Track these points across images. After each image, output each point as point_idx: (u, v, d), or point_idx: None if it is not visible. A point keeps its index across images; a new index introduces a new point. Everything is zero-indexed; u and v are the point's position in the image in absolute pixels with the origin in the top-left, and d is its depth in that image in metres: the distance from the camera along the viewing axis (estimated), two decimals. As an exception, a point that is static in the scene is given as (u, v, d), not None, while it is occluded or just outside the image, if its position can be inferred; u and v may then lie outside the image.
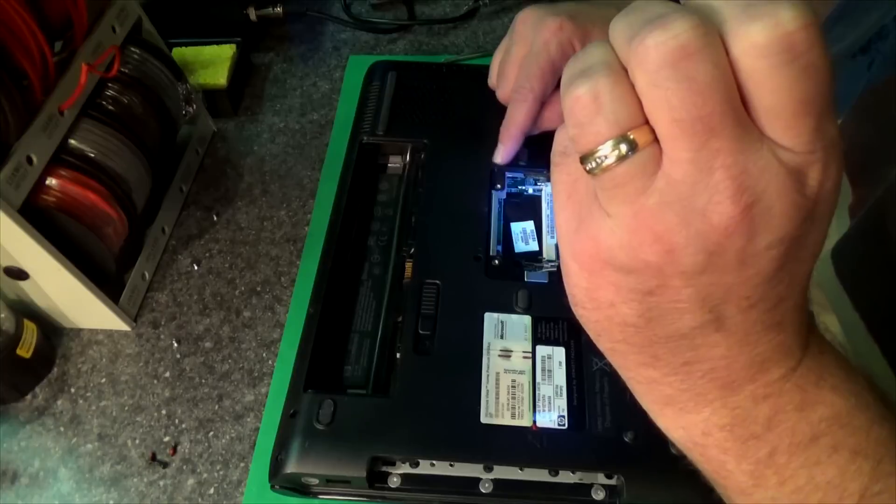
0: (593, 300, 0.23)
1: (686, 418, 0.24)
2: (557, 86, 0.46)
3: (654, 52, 0.18)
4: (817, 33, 0.17)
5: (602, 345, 0.25)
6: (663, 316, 0.22)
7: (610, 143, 0.19)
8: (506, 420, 0.40)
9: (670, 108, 0.18)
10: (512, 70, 0.47)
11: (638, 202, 0.20)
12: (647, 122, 0.19)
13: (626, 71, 0.19)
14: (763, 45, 0.17)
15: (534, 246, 0.49)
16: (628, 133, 0.19)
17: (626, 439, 0.38)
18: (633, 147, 0.19)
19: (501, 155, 0.48)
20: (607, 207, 0.21)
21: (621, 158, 0.19)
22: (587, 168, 0.20)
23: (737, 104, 0.18)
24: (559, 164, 0.23)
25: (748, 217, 0.19)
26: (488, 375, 0.41)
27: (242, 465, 0.45)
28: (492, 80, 0.51)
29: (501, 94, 0.49)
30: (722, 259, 0.20)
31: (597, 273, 0.22)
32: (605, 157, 0.19)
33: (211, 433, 0.46)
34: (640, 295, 0.21)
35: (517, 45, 0.47)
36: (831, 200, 0.20)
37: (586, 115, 0.19)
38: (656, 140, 0.19)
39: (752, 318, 0.21)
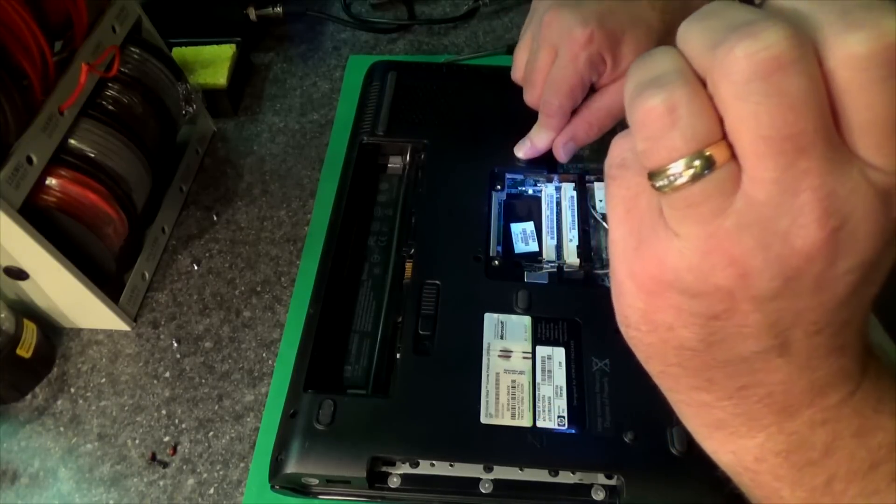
0: (650, 322, 0.22)
1: (738, 443, 0.23)
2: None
3: (744, 63, 0.17)
4: None
5: (652, 367, 0.24)
6: (725, 340, 0.21)
7: (685, 160, 0.18)
8: (506, 420, 0.40)
9: (758, 125, 0.17)
10: (539, 78, 0.45)
11: (713, 223, 0.18)
12: (725, 137, 0.18)
13: (701, 81, 0.18)
14: (864, 56, 0.16)
15: (534, 246, 0.49)
16: (705, 150, 0.18)
17: (626, 439, 0.38)
18: (710, 165, 0.18)
19: (525, 152, 0.49)
20: (677, 227, 0.19)
21: (697, 177, 0.18)
22: (657, 185, 0.19)
23: (829, 122, 0.17)
24: (617, 178, 0.21)
25: (833, 241, 0.18)
26: (488, 376, 0.41)
27: (242, 465, 0.45)
28: (516, 75, 0.49)
29: (529, 100, 0.47)
30: (798, 284, 0.19)
31: (657, 295, 0.21)
32: (679, 174, 0.18)
33: (211, 433, 0.46)
34: (703, 319, 0.20)
35: (543, 50, 0.44)
36: None
37: (660, 128, 0.18)
38: (735, 157, 0.18)
39: (816, 342, 0.20)
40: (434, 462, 0.40)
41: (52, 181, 0.44)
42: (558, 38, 0.43)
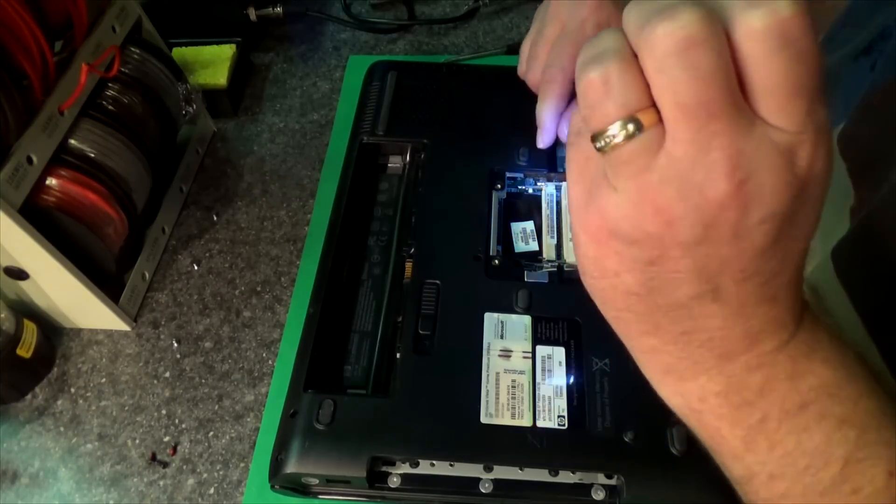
0: (600, 269, 0.24)
1: (684, 386, 0.26)
2: None
3: (662, 41, 0.19)
4: (808, 23, 0.19)
5: (607, 313, 0.26)
6: (663, 286, 0.23)
7: (618, 124, 0.21)
8: (506, 420, 0.40)
9: (675, 94, 0.20)
10: (543, 50, 0.45)
11: (642, 177, 0.21)
12: (653, 104, 0.20)
13: (636, 57, 0.21)
14: (761, 30, 0.19)
15: (534, 246, 0.49)
16: (635, 114, 0.20)
17: (626, 439, 0.38)
18: (639, 127, 0.20)
19: (541, 139, 0.47)
20: (614, 183, 0.22)
21: (628, 138, 0.21)
22: (597, 146, 0.22)
23: (735, 90, 0.20)
24: (573, 144, 0.24)
25: (741, 192, 0.20)
26: (488, 375, 0.41)
27: (242, 465, 0.45)
28: (521, 69, 0.48)
29: (532, 78, 0.46)
30: (717, 231, 0.21)
31: (603, 243, 0.23)
32: (614, 136, 0.21)
33: (211, 433, 0.46)
34: (642, 265, 0.23)
35: (549, 25, 0.45)
36: (822, 182, 0.21)
37: (597, 97, 0.21)
38: (660, 121, 0.20)
39: (746, 290, 0.23)
40: (434, 462, 0.40)
41: (52, 181, 0.44)
42: (567, 13, 0.44)
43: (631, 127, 0.21)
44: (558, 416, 0.40)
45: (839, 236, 0.41)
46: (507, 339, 0.43)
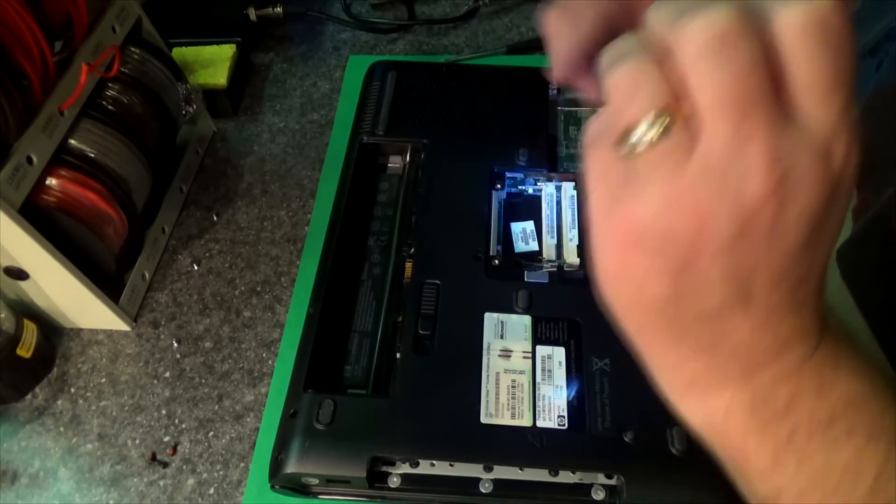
0: (623, 281, 0.23)
1: (708, 401, 0.25)
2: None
3: (697, 37, 0.19)
4: (846, 17, 0.19)
5: (629, 326, 0.25)
6: (692, 294, 0.22)
7: (648, 123, 0.20)
8: (506, 420, 0.40)
9: (711, 90, 0.19)
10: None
11: (674, 176, 0.20)
12: (684, 102, 0.20)
13: (664, 54, 0.20)
14: (802, 25, 0.19)
15: (534, 246, 0.49)
16: (665, 113, 0.20)
17: (626, 439, 0.38)
18: (670, 125, 0.20)
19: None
20: (644, 186, 0.21)
21: (660, 136, 0.20)
22: (625, 149, 0.21)
23: (771, 86, 0.20)
24: (594, 147, 0.23)
25: (780, 189, 0.20)
26: (488, 375, 0.41)
27: (242, 465, 0.45)
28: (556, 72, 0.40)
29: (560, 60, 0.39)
30: (753, 231, 0.20)
31: (628, 252, 0.22)
32: (644, 134, 0.20)
33: (211, 433, 0.46)
34: (670, 274, 0.22)
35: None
36: (850, 182, 0.21)
37: (626, 96, 0.21)
38: (691, 119, 0.20)
39: (776, 296, 0.22)
40: (434, 462, 0.40)
41: (52, 181, 0.44)
42: None
43: (662, 125, 0.20)
44: (558, 416, 0.40)
45: (842, 238, 0.40)
46: (507, 339, 0.43)
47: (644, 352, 0.26)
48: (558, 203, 0.51)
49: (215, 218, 0.58)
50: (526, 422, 0.39)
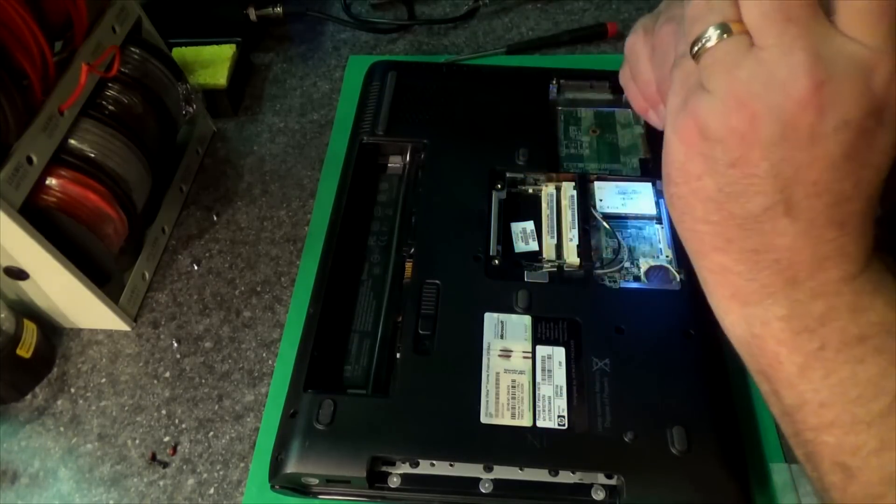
0: (685, 173, 0.26)
1: (749, 310, 0.27)
2: None
3: None
4: None
5: (684, 225, 0.28)
6: (740, 192, 0.25)
7: (713, 30, 0.25)
8: (506, 420, 0.40)
9: (759, 4, 0.23)
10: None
11: (731, 75, 0.24)
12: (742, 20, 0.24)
13: None
14: None
15: (534, 246, 0.49)
16: (728, 22, 0.24)
17: (626, 439, 0.38)
18: (729, 31, 0.24)
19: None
20: (707, 83, 0.25)
21: (721, 40, 0.25)
22: (695, 50, 0.25)
23: (814, 2, 0.23)
24: (678, 64, 0.27)
25: (820, 93, 0.22)
26: (488, 375, 0.41)
27: (242, 465, 0.45)
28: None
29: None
30: (795, 133, 0.23)
31: (692, 144, 0.26)
32: (709, 38, 0.25)
33: (211, 433, 0.46)
34: (723, 166, 0.25)
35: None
36: (893, 112, 0.23)
37: (699, 12, 0.25)
38: (748, 32, 0.24)
39: (817, 207, 0.24)
40: (434, 462, 0.40)
41: (52, 181, 0.44)
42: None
43: (723, 31, 0.24)
44: (558, 416, 0.40)
45: None
46: (507, 339, 0.43)
47: (695, 259, 0.28)
48: (558, 203, 0.51)
49: (215, 218, 0.58)
50: (526, 422, 0.39)
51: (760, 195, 0.24)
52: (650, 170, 0.53)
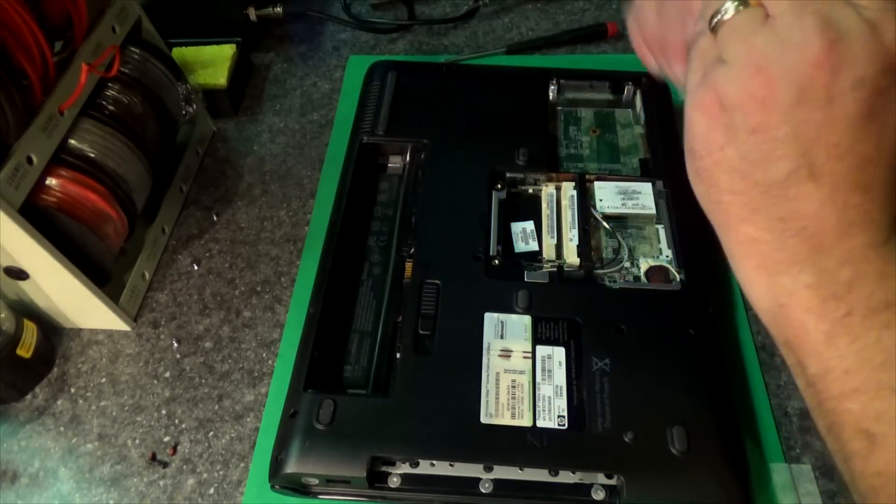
0: (707, 144, 0.27)
1: (776, 280, 0.27)
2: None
3: None
4: None
5: (710, 197, 0.28)
6: (763, 158, 0.25)
7: (730, 2, 0.26)
8: (506, 420, 0.40)
9: None
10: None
11: (748, 41, 0.25)
12: None
13: None
14: None
15: (534, 246, 0.49)
16: None
17: (626, 439, 0.38)
18: (746, 3, 0.25)
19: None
20: (725, 54, 0.26)
21: (738, 12, 0.26)
22: (714, 20, 0.26)
23: None
24: (696, 42, 0.28)
25: (833, 51, 0.23)
26: (488, 375, 0.41)
27: (242, 465, 0.45)
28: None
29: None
30: (812, 94, 0.24)
31: (713, 115, 0.26)
32: (727, 10, 0.26)
33: (211, 433, 0.46)
34: (745, 133, 0.25)
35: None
36: None
37: None
38: (763, 5, 0.25)
39: (840, 170, 0.24)
40: (434, 462, 0.40)
41: (52, 181, 0.44)
42: None
43: (740, 3, 0.25)
44: (558, 416, 0.40)
45: None
46: (507, 339, 0.43)
47: (721, 232, 0.29)
48: (558, 203, 0.51)
49: (215, 218, 0.58)
50: (526, 422, 0.39)
51: (783, 159, 0.25)
52: (650, 170, 0.53)
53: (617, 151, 0.55)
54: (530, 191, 0.52)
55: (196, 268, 0.55)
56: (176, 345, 0.51)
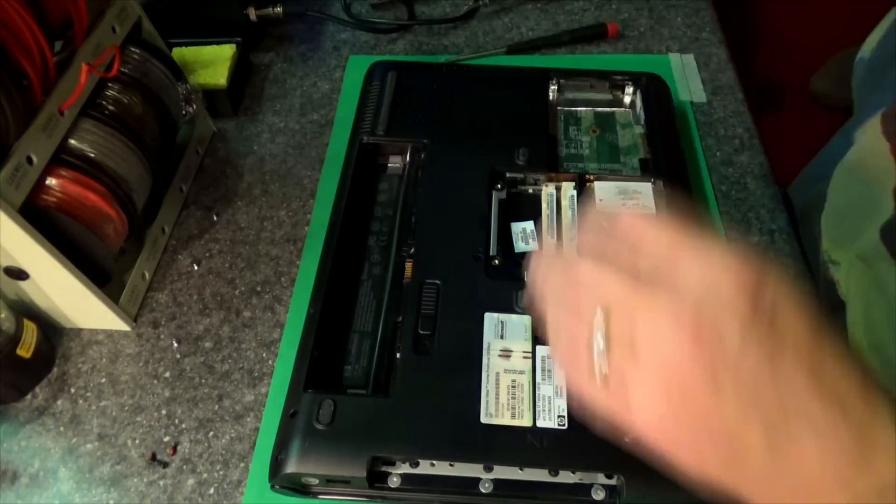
0: (669, 438, 0.29)
1: None
2: None
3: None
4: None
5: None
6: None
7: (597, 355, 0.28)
8: (506, 420, 0.40)
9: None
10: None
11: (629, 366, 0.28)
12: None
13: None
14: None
15: (534, 246, 0.49)
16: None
17: (626, 439, 0.38)
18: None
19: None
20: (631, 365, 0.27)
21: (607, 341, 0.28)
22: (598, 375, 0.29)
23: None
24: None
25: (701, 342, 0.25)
26: (488, 375, 0.41)
27: (242, 465, 0.45)
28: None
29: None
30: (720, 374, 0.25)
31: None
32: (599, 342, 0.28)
33: (211, 433, 0.46)
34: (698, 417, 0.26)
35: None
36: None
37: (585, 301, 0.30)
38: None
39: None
40: (434, 462, 0.40)
41: (52, 181, 0.44)
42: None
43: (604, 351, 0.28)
44: (558, 416, 0.40)
45: (885, 216, 0.43)
46: (507, 339, 0.43)
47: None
48: (558, 203, 0.51)
49: (215, 218, 0.58)
50: (526, 422, 0.39)
51: (753, 429, 0.25)
52: (650, 170, 0.53)
53: (617, 151, 0.55)
54: (530, 191, 0.52)
55: (196, 268, 0.55)
56: (176, 345, 0.51)
